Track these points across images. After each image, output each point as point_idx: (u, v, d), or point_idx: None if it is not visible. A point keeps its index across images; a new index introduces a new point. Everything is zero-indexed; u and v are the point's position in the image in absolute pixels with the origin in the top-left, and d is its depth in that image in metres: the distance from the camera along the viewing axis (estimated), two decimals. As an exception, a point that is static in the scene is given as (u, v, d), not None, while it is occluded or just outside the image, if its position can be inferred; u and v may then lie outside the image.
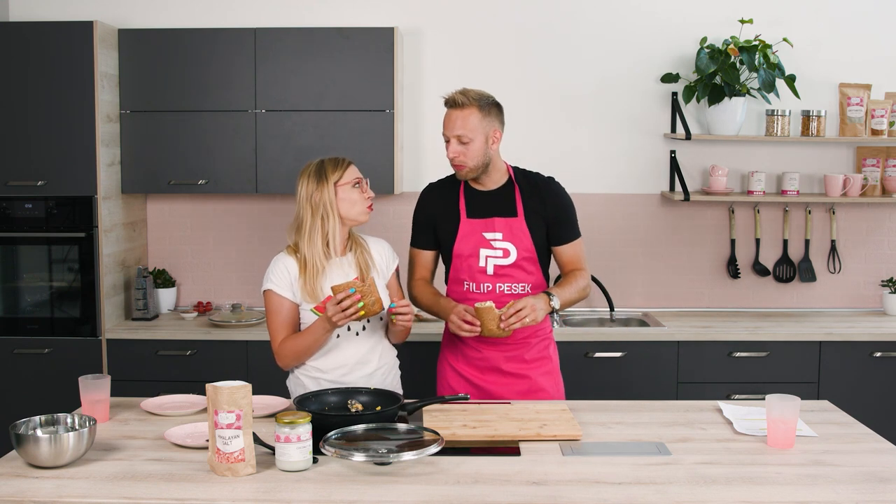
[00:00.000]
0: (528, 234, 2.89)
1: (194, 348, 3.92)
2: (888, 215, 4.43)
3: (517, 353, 2.94)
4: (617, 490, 2.03)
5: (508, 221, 2.89)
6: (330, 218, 2.73)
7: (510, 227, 2.89)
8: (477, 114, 2.80)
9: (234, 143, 4.07)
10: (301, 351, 2.72)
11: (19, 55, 3.89)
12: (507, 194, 2.92)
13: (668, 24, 4.32)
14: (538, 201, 2.91)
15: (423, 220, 3.02)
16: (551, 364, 3.00)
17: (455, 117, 2.80)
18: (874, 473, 2.15)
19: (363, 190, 2.79)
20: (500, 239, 2.89)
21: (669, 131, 4.35)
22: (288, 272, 2.75)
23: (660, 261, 4.44)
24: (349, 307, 2.56)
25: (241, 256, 4.42)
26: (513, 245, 2.88)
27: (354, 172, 2.80)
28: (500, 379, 2.94)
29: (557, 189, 2.96)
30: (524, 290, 2.91)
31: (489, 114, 2.83)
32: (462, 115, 2.79)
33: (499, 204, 2.92)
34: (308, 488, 2.04)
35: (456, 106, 2.81)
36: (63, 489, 2.03)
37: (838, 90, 4.28)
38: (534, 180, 2.95)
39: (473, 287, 2.92)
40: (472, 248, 2.90)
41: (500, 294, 2.90)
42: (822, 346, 3.91)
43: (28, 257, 4.00)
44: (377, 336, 2.83)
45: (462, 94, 2.81)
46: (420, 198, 3.06)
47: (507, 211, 2.90)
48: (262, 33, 4.03)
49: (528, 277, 2.91)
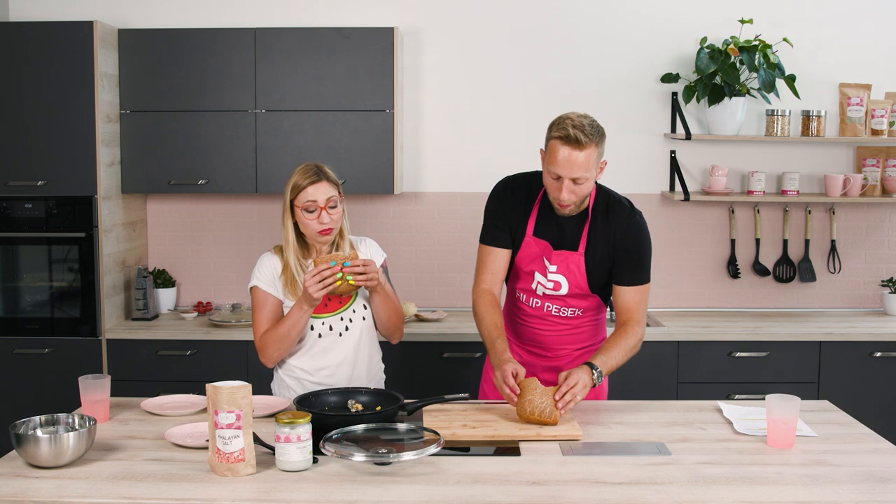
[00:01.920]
0: (584, 272, 2.71)
1: (194, 348, 3.92)
2: (888, 215, 4.43)
3: (557, 363, 2.84)
4: (617, 490, 2.03)
5: (566, 255, 2.71)
6: (286, 226, 2.75)
7: (566, 262, 2.71)
8: (594, 151, 2.53)
9: (234, 143, 4.07)
10: (282, 336, 2.68)
11: (19, 55, 3.89)
12: (579, 224, 2.71)
13: (668, 24, 4.32)
14: (609, 235, 2.68)
15: (500, 216, 2.77)
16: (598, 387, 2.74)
17: (574, 158, 2.51)
18: (874, 473, 2.14)
19: (318, 216, 2.68)
20: (554, 271, 2.72)
21: (669, 131, 4.35)
22: (273, 269, 2.77)
23: (660, 261, 4.43)
24: (328, 277, 2.56)
25: (241, 256, 4.42)
26: (566, 280, 2.72)
27: (313, 194, 2.67)
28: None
29: (635, 227, 2.70)
30: (574, 313, 2.79)
31: (600, 145, 2.56)
32: (583, 155, 2.51)
33: (566, 231, 2.71)
34: (308, 488, 2.04)
35: (577, 145, 2.50)
36: (63, 489, 2.03)
37: (838, 90, 4.28)
38: (613, 212, 2.70)
39: (524, 298, 2.82)
40: (530, 267, 2.76)
41: (548, 314, 2.80)
42: (822, 346, 3.91)
43: (28, 257, 4.00)
44: (361, 337, 2.81)
45: (580, 130, 2.50)
46: (497, 190, 2.82)
47: (571, 243, 2.70)
48: (262, 33, 4.03)
49: (580, 303, 2.78)
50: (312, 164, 2.75)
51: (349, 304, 2.78)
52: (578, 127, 2.51)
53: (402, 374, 3.74)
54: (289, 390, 2.82)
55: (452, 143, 4.38)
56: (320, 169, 2.73)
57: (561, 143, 2.53)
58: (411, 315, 4.12)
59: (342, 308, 2.77)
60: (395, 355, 3.78)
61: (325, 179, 2.70)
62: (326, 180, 2.70)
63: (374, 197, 4.37)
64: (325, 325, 2.75)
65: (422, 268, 4.43)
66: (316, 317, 2.75)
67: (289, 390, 2.82)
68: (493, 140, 4.36)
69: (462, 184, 4.34)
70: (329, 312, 2.76)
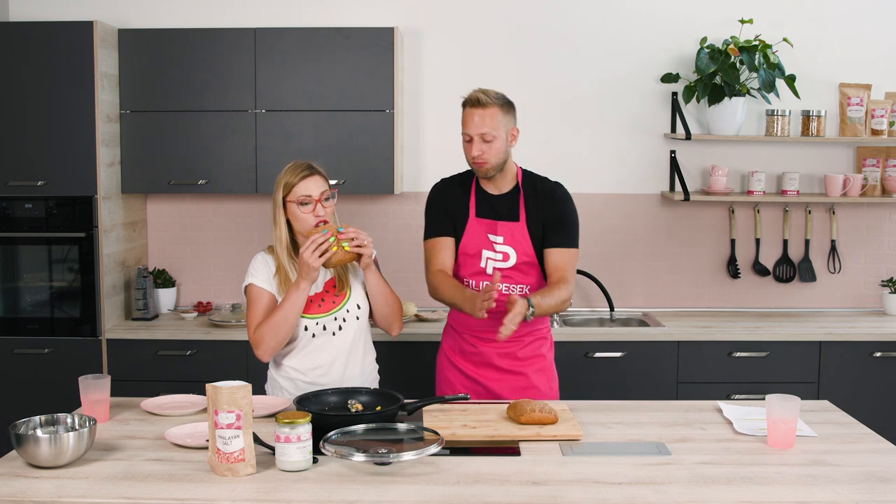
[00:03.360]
0: (529, 239, 2.92)
1: (194, 348, 3.92)
2: (888, 215, 4.43)
3: (510, 350, 2.97)
4: (617, 490, 2.03)
5: (510, 226, 2.92)
6: (279, 224, 2.75)
7: (511, 232, 2.92)
8: (499, 112, 2.83)
9: (234, 143, 4.07)
10: (279, 321, 2.67)
11: (19, 55, 3.89)
12: (513, 198, 2.95)
13: (668, 24, 4.32)
14: (541, 205, 2.93)
15: (440, 210, 3.00)
16: (545, 362, 3.03)
17: (478, 116, 2.82)
18: (874, 473, 2.15)
19: (312, 209, 2.71)
20: (501, 242, 2.92)
21: (669, 131, 4.35)
22: (268, 267, 2.78)
23: (660, 261, 4.44)
24: (322, 244, 2.58)
25: (242, 256, 4.41)
26: (513, 249, 2.91)
27: (307, 188, 2.71)
28: (493, 374, 2.98)
29: (562, 195, 2.97)
30: (522, 290, 2.94)
31: (508, 112, 2.87)
32: (485, 113, 2.81)
33: (504, 208, 2.94)
34: (308, 488, 2.04)
35: (478, 105, 2.82)
36: (63, 489, 2.03)
37: (838, 90, 4.28)
38: (540, 185, 2.97)
39: (472, 284, 2.95)
40: (476, 248, 2.94)
41: (498, 293, 2.90)
42: (822, 346, 3.91)
43: (28, 257, 4.00)
44: (355, 337, 2.82)
45: (483, 92, 2.83)
46: (433, 191, 3.06)
47: (510, 215, 2.93)
48: (262, 33, 4.03)
49: (526, 279, 2.95)
50: (300, 161, 2.79)
51: (343, 303, 2.78)
52: (481, 91, 2.84)
53: (402, 374, 3.74)
54: (282, 391, 2.83)
55: (452, 143, 4.35)
56: (309, 164, 2.77)
57: (468, 107, 2.85)
58: (411, 315, 4.12)
59: (336, 308, 2.78)
60: (395, 355, 3.78)
61: (318, 173, 2.75)
62: (318, 174, 2.75)
63: (374, 197, 4.37)
64: (319, 325, 2.76)
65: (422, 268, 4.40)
66: (310, 317, 2.75)
67: (282, 391, 2.83)
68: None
69: (462, 184, 4.34)
70: (323, 312, 2.76)
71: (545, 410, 2.45)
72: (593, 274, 4.32)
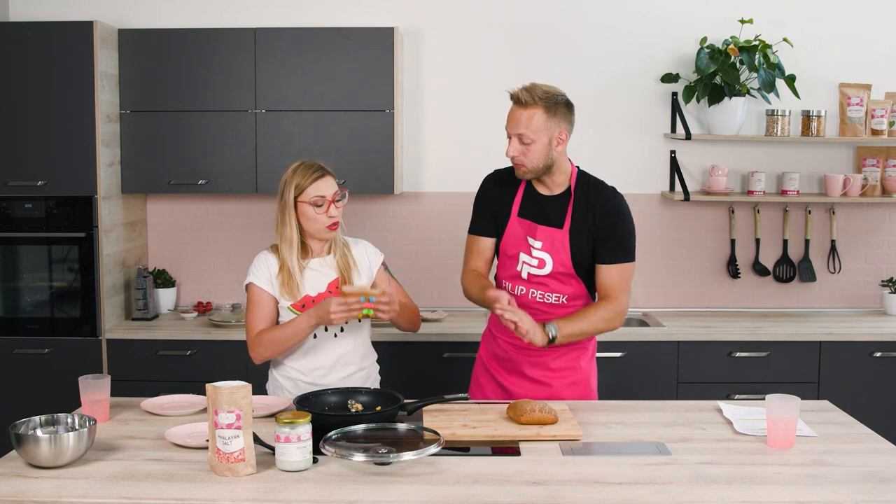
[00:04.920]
0: (568, 249, 2.74)
1: (194, 348, 3.92)
2: (888, 215, 4.43)
3: (542, 359, 2.85)
4: (617, 490, 2.03)
5: (552, 232, 2.75)
6: (288, 225, 2.74)
7: (552, 238, 2.75)
8: (542, 114, 2.65)
9: (234, 143, 4.07)
10: (279, 342, 2.69)
11: (19, 55, 3.89)
12: (563, 202, 2.77)
13: (668, 24, 4.32)
14: (590, 213, 2.73)
15: (484, 206, 2.87)
16: (578, 375, 2.87)
17: (518, 115, 2.66)
18: (874, 473, 2.14)
19: (326, 209, 2.70)
20: (539, 248, 2.76)
21: (669, 131, 4.35)
22: (269, 268, 2.78)
23: (660, 261, 4.44)
24: (355, 309, 2.59)
25: (242, 256, 4.41)
26: (550, 257, 2.75)
27: (320, 189, 2.70)
28: (522, 382, 2.87)
29: (616, 204, 2.76)
30: (559, 300, 2.79)
31: (556, 114, 2.67)
32: (526, 113, 2.65)
33: (550, 211, 2.77)
34: (308, 488, 2.04)
35: (520, 103, 2.66)
36: (63, 489, 2.03)
37: (838, 90, 4.27)
38: (594, 191, 2.77)
39: (509, 287, 2.84)
40: (515, 249, 2.80)
41: (532, 300, 2.80)
42: (822, 346, 3.91)
43: (28, 257, 4.00)
44: (356, 338, 2.82)
45: (528, 91, 2.65)
46: (483, 183, 2.93)
47: (554, 220, 2.75)
48: (262, 33, 4.03)
49: (563, 289, 2.78)
50: (311, 161, 2.77)
51: None
52: (528, 89, 2.66)
53: (402, 374, 3.74)
54: (283, 390, 2.83)
55: (452, 143, 4.37)
56: (321, 164, 2.76)
57: (512, 103, 2.70)
58: (411, 315, 4.11)
59: None
60: (395, 355, 3.78)
61: (329, 174, 2.74)
62: (330, 174, 2.74)
63: (374, 197, 4.37)
64: (321, 326, 2.75)
65: (422, 268, 4.43)
66: None
67: (283, 390, 2.83)
68: (493, 140, 4.33)
69: (462, 184, 4.33)
70: None
71: (545, 410, 2.45)
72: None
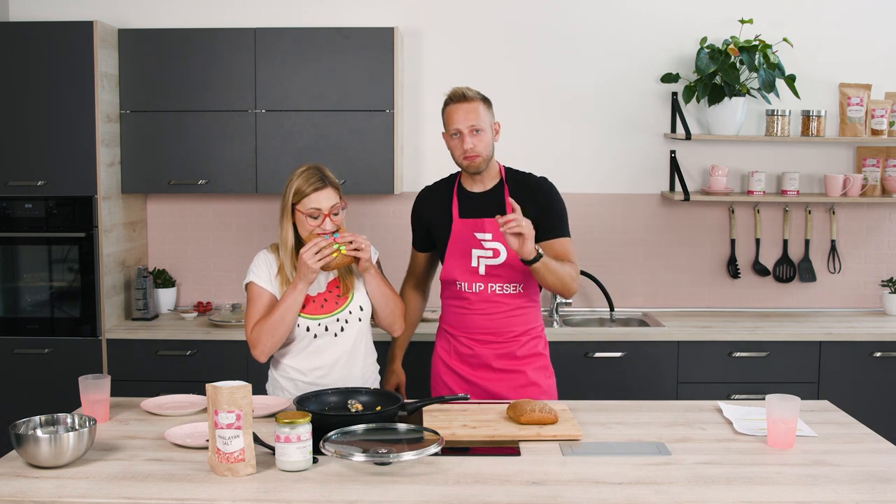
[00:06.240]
0: None
1: (194, 348, 3.92)
2: (888, 215, 4.43)
3: (508, 350, 2.96)
4: (617, 490, 2.03)
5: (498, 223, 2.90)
6: (285, 227, 2.75)
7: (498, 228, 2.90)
8: (482, 106, 2.89)
9: (234, 143, 4.07)
10: (276, 322, 2.67)
11: (19, 55, 3.89)
12: (498, 194, 2.96)
13: (668, 24, 4.32)
14: (527, 200, 2.89)
15: (418, 222, 3.11)
16: (543, 360, 3.04)
17: (465, 109, 2.86)
18: (874, 473, 2.15)
19: (320, 222, 2.70)
20: (489, 239, 2.91)
21: (669, 131, 4.35)
22: (269, 267, 2.78)
23: (660, 261, 4.44)
24: (324, 248, 2.60)
25: (242, 256, 4.41)
26: (503, 245, 2.90)
27: (318, 201, 2.69)
28: (491, 375, 2.97)
29: (547, 187, 3.00)
30: (516, 289, 2.94)
31: (489, 107, 2.93)
32: (471, 107, 2.87)
33: (489, 205, 2.94)
34: (308, 488, 2.04)
35: (464, 99, 2.88)
36: (63, 489, 2.03)
37: (838, 90, 4.27)
38: (524, 179, 3.00)
39: (465, 287, 2.94)
40: (464, 249, 2.94)
41: (493, 294, 2.93)
42: (822, 346, 3.91)
43: (28, 257, 4.00)
44: (357, 339, 2.82)
45: (464, 89, 2.90)
46: (416, 200, 3.13)
47: (496, 211, 2.90)
48: (262, 33, 4.03)
49: (519, 276, 2.93)
50: (315, 168, 2.74)
51: (345, 305, 2.78)
52: (464, 88, 2.91)
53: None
54: (283, 391, 2.83)
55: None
56: (324, 174, 2.73)
57: (452, 104, 2.89)
58: (411, 315, 4.11)
59: (338, 309, 2.78)
60: (395, 355, 3.78)
61: (330, 185, 2.72)
62: (331, 186, 2.72)
63: (374, 197, 4.37)
64: (321, 326, 2.75)
65: (422, 268, 4.42)
66: (312, 317, 2.75)
67: (283, 391, 2.83)
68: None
69: (462, 184, 4.34)
70: (325, 313, 2.76)
71: (545, 410, 2.45)
72: (593, 274, 4.31)
